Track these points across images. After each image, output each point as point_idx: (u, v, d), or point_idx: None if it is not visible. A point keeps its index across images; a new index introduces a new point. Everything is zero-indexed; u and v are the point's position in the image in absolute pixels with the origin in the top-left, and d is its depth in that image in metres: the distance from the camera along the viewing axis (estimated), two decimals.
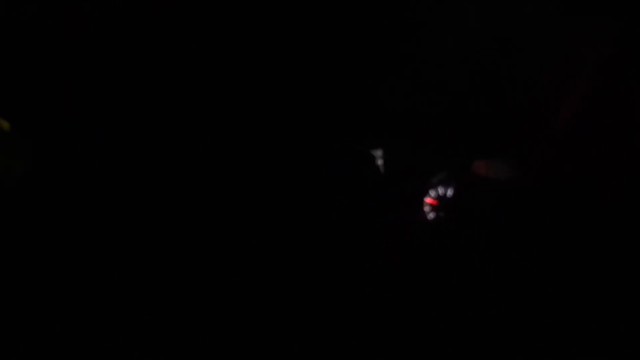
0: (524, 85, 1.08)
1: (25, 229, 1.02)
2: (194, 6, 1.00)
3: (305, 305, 1.03)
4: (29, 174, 1.04)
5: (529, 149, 1.11)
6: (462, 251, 1.10)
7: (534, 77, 1.06)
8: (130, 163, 1.08)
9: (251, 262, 1.06)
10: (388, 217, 1.15)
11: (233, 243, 1.08)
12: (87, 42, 1.01)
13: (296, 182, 1.12)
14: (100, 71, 1.04)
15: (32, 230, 1.02)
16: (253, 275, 1.05)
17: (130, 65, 1.04)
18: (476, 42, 1.04)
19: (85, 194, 1.06)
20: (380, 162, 1.14)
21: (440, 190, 1.14)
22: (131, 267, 1.02)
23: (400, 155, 1.15)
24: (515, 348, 0.97)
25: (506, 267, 1.06)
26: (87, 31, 1.00)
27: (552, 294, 1.01)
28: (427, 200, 1.15)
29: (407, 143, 1.14)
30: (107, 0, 0.97)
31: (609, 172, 1.03)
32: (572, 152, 1.07)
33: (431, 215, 1.14)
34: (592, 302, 0.98)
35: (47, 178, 1.06)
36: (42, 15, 0.98)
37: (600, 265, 1.01)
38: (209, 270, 1.05)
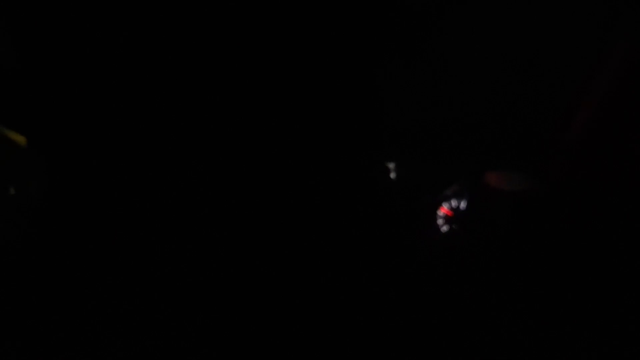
0: (537, 96, 1.08)
1: (45, 240, 1.03)
2: (195, 6, 1.00)
3: (311, 307, 1.03)
4: (45, 189, 1.05)
5: (543, 160, 1.10)
6: (475, 262, 1.09)
7: (546, 87, 1.06)
8: (132, 165, 1.08)
9: (257, 263, 1.06)
10: (402, 228, 1.15)
11: (240, 243, 1.08)
12: (91, 46, 1.01)
13: (309, 190, 1.12)
14: (103, 74, 1.04)
15: (51, 240, 1.04)
16: (258, 276, 1.05)
17: (132, 65, 1.04)
18: (488, 53, 1.04)
19: (96, 199, 1.07)
20: (393, 174, 1.14)
21: (454, 202, 1.13)
22: (137, 269, 1.03)
23: (414, 167, 1.14)
24: (529, 355, 0.97)
25: (520, 277, 1.05)
26: (91, 35, 1.00)
27: (567, 305, 1.00)
28: (442, 210, 1.14)
29: (421, 155, 1.14)
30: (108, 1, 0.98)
31: (624, 181, 1.02)
32: (586, 163, 1.07)
33: (445, 227, 1.14)
34: (608, 310, 0.97)
35: (63, 191, 1.07)
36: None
37: (616, 274, 1.00)
38: (213, 271, 1.05)
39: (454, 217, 1.12)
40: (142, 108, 1.08)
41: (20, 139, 1.04)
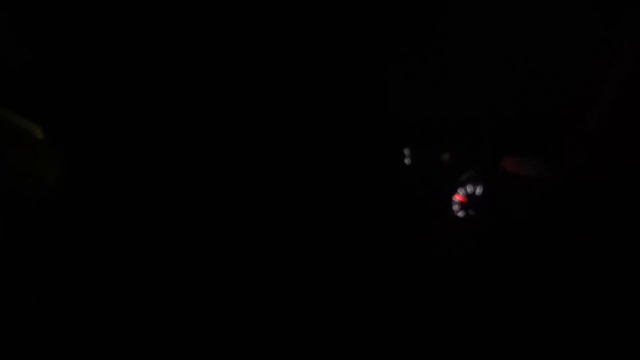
0: (556, 81, 1.05)
1: (60, 233, 1.05)
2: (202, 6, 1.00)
3: (330, 301, 1.03)
4: (62, 181, 1.07)
5: (560, 145, 1.08)
6: (491, 249, 1.08)
7: (566, 73, 1.03)
8: (147, 160, 1.09)
9: (270, 258, 1.07)
10: (418, 214, 1.14)
11: (256, 238, 1.09)
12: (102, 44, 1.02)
13: (324, 179, 1.12)
14: (119, 66, 1.04)
15: (66, 234, 1.05)
16: (269, 272, 1.06)
17: (146, 58, 1.04)
18: (507, 38, 1.02)
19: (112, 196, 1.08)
20: (408, 160, 1.13)
21: (470, 188, 1.12)
22: (142, 267, 1.04)
23: (429, 153, 1.13)
24: (546, 345, 0.96)
25: (536, 264, 1.04)
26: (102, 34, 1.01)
27: (581, 291, 0.99)
28: (457, 197, 1.13)
29: (436, 140, 1.13)
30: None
31: None
32: (605, 148, 1.04)
33: (460, 214, 1.13)
34: (624, 299, 0.95)
35: (78, 184, 1.08)
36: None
37: (633, 264, 0.98)
38: (223, 270, 1.06)
39: (470, 203, 1.11)
40: (157, 100, 1.09)
41: (36, 129, 1.05)
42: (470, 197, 1.11)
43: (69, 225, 1.06)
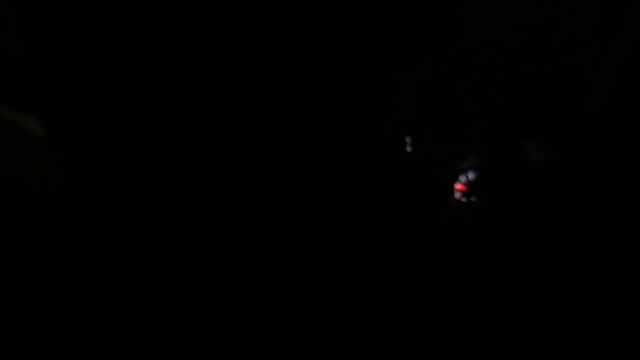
0: (556, 66, 1.06)
1: (63, 234, 1.04)
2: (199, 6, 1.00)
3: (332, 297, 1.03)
4: (63, 180, 1.07)
5: (564, 130, 1.09)
6: (493, 238, 1.08)
7: (566, 55, 1.05)
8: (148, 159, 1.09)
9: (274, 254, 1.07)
10: (417, 205, 1.14)
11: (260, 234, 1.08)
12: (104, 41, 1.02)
13: (322, 170, 1.12)
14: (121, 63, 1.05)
15: (70, 234, 1.04)
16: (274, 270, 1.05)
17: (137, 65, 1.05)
18: (506, 21, 1.03)
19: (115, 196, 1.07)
20: (409, 148, 1.13)
21: (470, 176, 1.12)
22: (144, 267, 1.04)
23: (428, 141, 1.14)
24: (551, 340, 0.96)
25: (540, 254, 1.04)
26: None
27: (584, 282, 0.99)
28: (457, 187, 1.14)
29: (437, 127, 1.13)
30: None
31: None
32: (609, 134, 1.05)
33: (462, 201, 1.13)
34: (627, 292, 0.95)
35: (80, 183, 1.07)
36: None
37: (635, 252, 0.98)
38: (223, 269, 1.05)
39: (471, 191, 1.11)
40: (158, 97, 1.09)
41: (36, 126, 1.05)
42: (471, 184, 1.12)
43: (71, 222, 1.06)
